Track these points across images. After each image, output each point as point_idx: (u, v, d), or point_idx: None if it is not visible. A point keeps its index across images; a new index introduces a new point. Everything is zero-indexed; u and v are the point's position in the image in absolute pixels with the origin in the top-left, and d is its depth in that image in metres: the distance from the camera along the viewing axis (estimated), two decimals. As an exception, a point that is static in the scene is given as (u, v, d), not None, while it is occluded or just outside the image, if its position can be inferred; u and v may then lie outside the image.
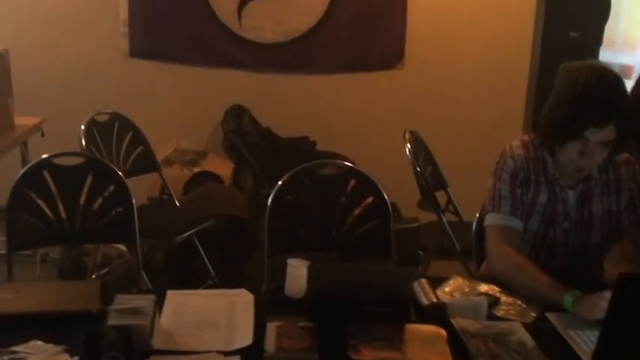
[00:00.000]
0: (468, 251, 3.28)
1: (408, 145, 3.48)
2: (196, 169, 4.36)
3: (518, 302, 2.06)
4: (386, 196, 2.74)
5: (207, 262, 3.68)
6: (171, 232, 3.37)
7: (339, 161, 2.85)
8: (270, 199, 2.72)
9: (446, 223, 3.37)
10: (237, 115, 4.53)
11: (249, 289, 2.04)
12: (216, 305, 1.93)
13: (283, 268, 2.76)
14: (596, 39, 4.83)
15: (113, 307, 1.76)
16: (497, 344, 1.79)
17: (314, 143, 4.61)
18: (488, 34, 4.61)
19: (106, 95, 4.53)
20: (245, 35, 4.56)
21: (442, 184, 3.63)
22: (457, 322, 1.88)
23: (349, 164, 2.86)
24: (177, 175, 4.16)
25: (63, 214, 2.74)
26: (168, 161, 4.36)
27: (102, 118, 3.60)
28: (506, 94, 4.69)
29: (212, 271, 3.69)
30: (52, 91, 4.51)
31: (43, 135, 4.02)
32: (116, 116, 3.65)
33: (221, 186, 4.16)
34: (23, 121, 3.92)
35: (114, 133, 3.63)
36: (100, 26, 4.55)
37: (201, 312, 1.89)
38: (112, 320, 1.70)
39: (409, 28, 4.58)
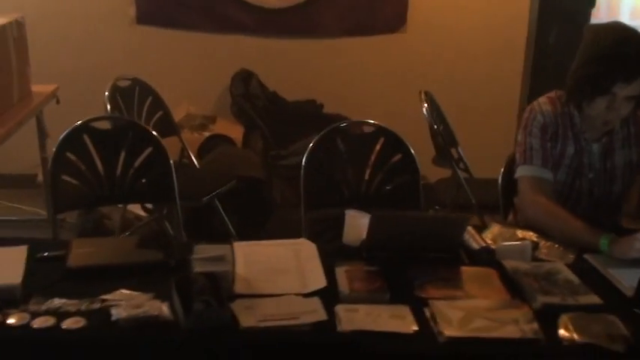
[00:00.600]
0: (482, 205, 3.47)
1: (425, 105, 3.63)
2: (206, 134, 4.46)
3: (556, 246, 2.22)
4: (413, 153, 2.90)
5: (227, 221, 3.79)
6: (198, 193, 3.48)
7: (370, 121, 2.96)
8: (304, 158, 2.83)
9: (462, 179, 3.54)
10: (244, 79, 4.63)
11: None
12: (282, 253, 2.07)
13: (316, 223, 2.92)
14: (588, 1, 4.99)
15: (195, 256, 1.88)
16: (547, 282, 1.95)
17: (321, 106, 4.73)
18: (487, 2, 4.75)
19: (113, 62, 4.58)
20: (251, 1, 4.63)
21: (453, 142, 3.78)
22: (507, 263, 2.05)
23: (378, 123, 2.97)
24: (189, 139, 4.24)
25: (103, 175, 2.85)
26: (179, 126, 4.44)
27: (123, 84, 3.68)
28: (505, 53, 4.83)
29: (232, 230, 3.81)
30: (59, 57, 4.55)
31: (58, 102, 4.07)
32: (137, 81, 3.74)
33: (236, 148, 4.27)
34: (39, 88, 3.97)
35: (135, 98, 3.71)
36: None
37: (271, 260, 2.02)
38: (198, 267, 1.83)
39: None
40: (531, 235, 2.29)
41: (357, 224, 2.11)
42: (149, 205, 3.97)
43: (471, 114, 4.76)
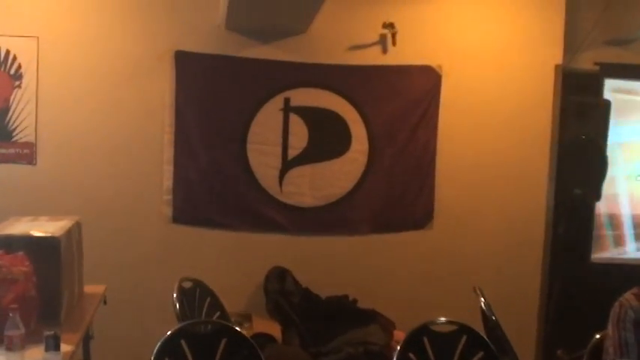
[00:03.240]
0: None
1: (482, 299, 3.90)
2: (243, 331, 4.59)
3: None
4: (495, 351, 3.14)
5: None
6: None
7: (452, 319, 3.21)
8: (395, 357, 3.04)
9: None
10: (280, 276, 4.85)
11: None
12: None
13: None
14: (595, 195, 5.48)
15: None
16: None
17: (355, 301, 4.96)
18: (507, 197, 5.24)
19: (148, 261, 4.82)
20: (286, 200, 5.00)
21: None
22: None
23: (461, 322, 3.22)
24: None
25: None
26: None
27: (187, 285, 3.88)
28: (524, 250, 5.26)
29: None
30: (97, 255, 4.69)
31: (105, 303, 4.19)
32: (197, 283, 3.94)
33: (287, 347, 4.40)
34: (88, 289, 4.08)
35: (196, 299, 3.89)
36: (144, 194, 4.87)
37: None
38: None
39: (436, 192, 5.16)
40: None
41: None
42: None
43: (497, 297, 5.04)
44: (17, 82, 4.79)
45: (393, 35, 4.93)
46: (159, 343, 2.95)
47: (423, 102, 5.11)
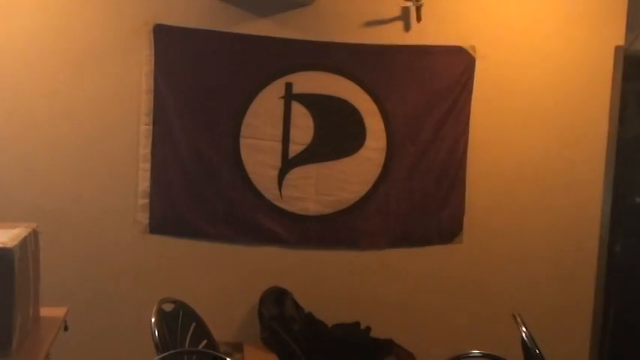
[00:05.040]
0: None
1: (523, 329, 3.82)
2: (237, 366, 4.54)
3: None
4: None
5: None
6: None
7: (487, 352, 3.15)
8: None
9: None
10: (278, 299, 4.77)
11: None
12: None
13: None
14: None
15: None
16: None
17: (368, 330, 4.88)
18: (553, 206, 5.16)
19: (119, 278, 4.76)
20: (286, 207, 4.93)
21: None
22: None
23: (498, 356, 3.16)
24: (219, 373, 4.31)
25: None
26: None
27: (167, 308, 3.80)
28: (573, 271, 5.19)
29: None
30: (57, 271, 4.60)
31: (66, 329, 4.10)
32: (181, 305, 3.87)
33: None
34: (47, 311, 4.00)
35: (178, 325, 3.82)
36: (115, 198, 4.80)
37: None
38: None
39: (467, 199, 5.09)
40: None
41: None
42: None
43: (540, 326, 4.97)
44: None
45: (418, 9, 4.86)
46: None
47: (452, 91, 5.04)
